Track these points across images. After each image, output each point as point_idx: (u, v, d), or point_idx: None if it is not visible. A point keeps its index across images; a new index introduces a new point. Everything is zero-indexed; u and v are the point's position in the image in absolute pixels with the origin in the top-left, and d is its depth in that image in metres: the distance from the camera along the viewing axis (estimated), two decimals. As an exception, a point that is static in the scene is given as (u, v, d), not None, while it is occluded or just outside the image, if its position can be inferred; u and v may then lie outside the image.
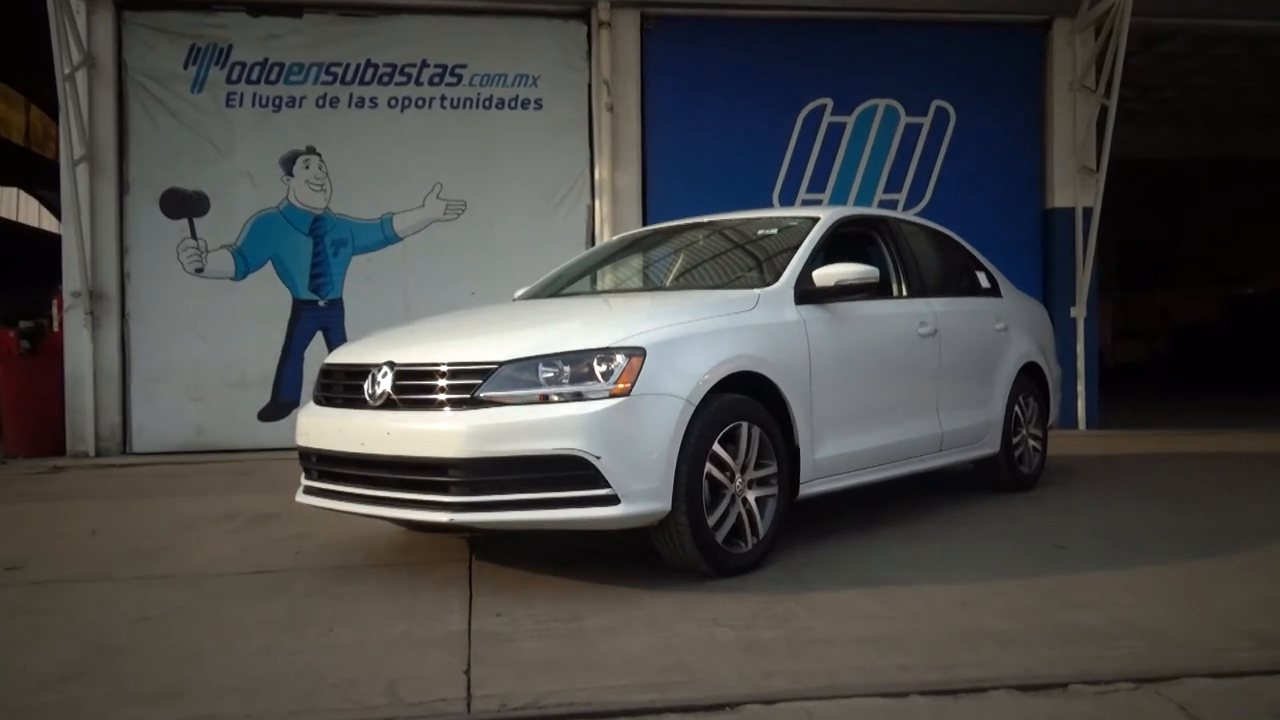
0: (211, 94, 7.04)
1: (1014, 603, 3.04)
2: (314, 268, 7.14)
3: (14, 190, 17.23)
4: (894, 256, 4.46)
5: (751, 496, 3.39)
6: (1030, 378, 5.11)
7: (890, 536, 3.98)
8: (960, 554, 3.69)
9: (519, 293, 4.70)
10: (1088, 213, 7.65)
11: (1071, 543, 3.86)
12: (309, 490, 3.57)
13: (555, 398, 3.04)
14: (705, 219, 4.72)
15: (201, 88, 7.01)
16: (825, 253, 4.13)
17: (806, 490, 3.65)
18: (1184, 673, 2.45)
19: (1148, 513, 4.45)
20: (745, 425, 3.35)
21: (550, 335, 3.30)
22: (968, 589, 3.19)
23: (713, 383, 3.24)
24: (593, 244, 7.17)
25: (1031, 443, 5.10)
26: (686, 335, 3.29)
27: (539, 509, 3.02)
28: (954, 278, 5.10)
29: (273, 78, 7.05)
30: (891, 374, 4.16)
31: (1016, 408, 4.95)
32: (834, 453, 3.75)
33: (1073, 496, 4.91)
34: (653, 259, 4.93)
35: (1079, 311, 7.73)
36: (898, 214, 5.23)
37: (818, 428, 3.67)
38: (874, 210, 5.53)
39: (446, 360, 3.19)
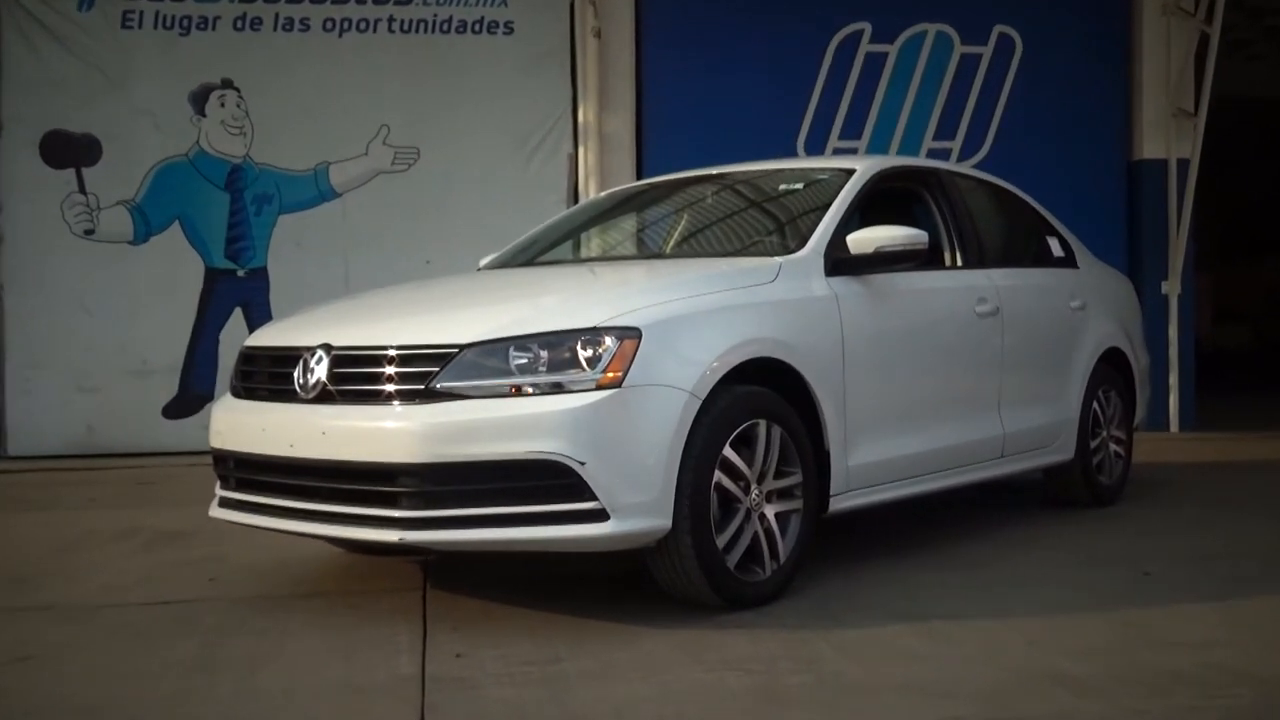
0: (103, 12, 7.00)
1: (1091, 641, 3.05)
2: (231, 229, 7.12)
3: None
4: (946, 218, 4.46)
5: (770, 512, 3.39)
6: (1112, 367, 5.13)
7: (940, 561, 3.99)
8: (1026, 582, 3.70)
9: (485, 261, 4.69)
10: (1183, 166, 7.67)
11: (1160, 569, 3.87)
12: (225, 503, 3.57)
13: (530, 389, 3.04)
14: (714, 170, 4.71)
15: (91, 5, 6.97)
16: (862, 213, 4.12)
17: (838, 504, 3.65)
18: (1297, 727, 2.47)
19: (1252, 533, 4.47)
20: (763, 424, 3.35)
21: (523, 312, 3.29)
22: (1035, 624, 3.20)
23: (723, 371, 3.24)
24: (575, 201, 7.16)
25: (1113, 447, 5.12)
26: (691, 313, 3.28)
27: (509, 526, 3.02)
28: (1020, 244, 5.09)
29: (180, -7, 7.02)
30: (943, 362, 4.16)
31: (1095, 404, 4.96)
32: (872, 458, 3.75)
33: (1162, 513, 4.92)
34: (649, 220, 4.91)
35: (1172, 287, 7.75)
36: (951, 166, 5.22)
37: (852, 428, 3.67)
38: (922, 161, 5.52)
39: (396, 342, 3.19)
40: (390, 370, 3.14)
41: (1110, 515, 4.85)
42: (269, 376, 3.51)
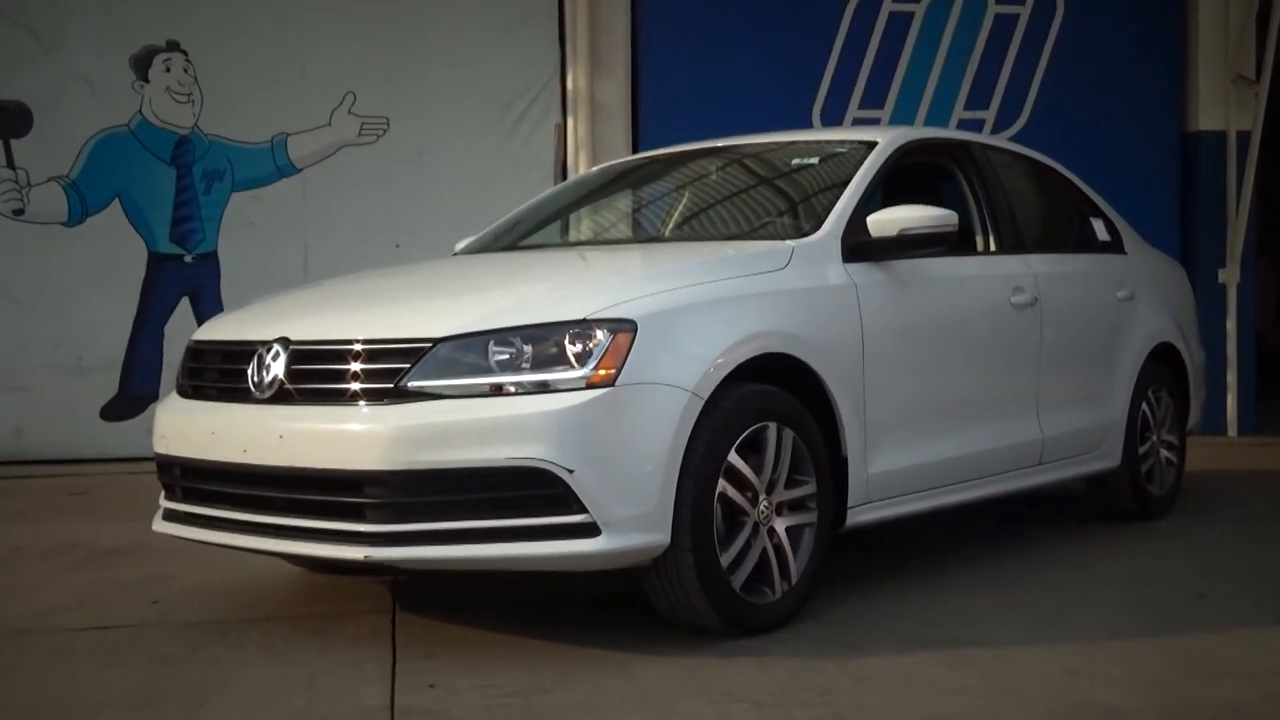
0: (34, -34, 6.99)
1: (1138, 670, 3.06)
2: (178, 209, 7.11)
3: None
4: (979, 197, 4.46)
5: (781, 526, 3.39)
6: (1163, 365, 5.14)
7: (970, 581, 3.99)
8: (1065, 604, 3.70)
9: (461, 244, 4.70)
10: (1244, 139, 7.68)
11: (1216, 590, 3.88)
12: (171, 515, 3.57)
13: (512, 388, 3.04)
14: (719, 143, 4.72)
15: (20, -43, 6.96)
16: (884, 191, 4.13)
17: (857, 517, 3.66)
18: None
19: (1321, 550, 4.49)
20: (773, 428, 3.35)
21: (505, 302, 3.28)
22: (1075, 651, 3.21)
23: (729, 369, 3.24)
24: (563, 178, 7.15)
25: (1164, 454, 5.13)
26: (693, 304, 3.28)
27: (488, 542, 3.02)
28: (1061, 227, 5.09)
29: (120, -57, 7.00)
30: (974, 358, 4.18)
31: (1144, 406, 4.98)
32: (894, 466, 3.76)
33: (1218, 527, 4.94)
34: (646, 199, 4.91)
35: (1230, 275, 7.76)
36: (984, 138, 5.22)
37: (873, 432, 3.67)
38: (952, 133, 5.52)
39: (362, 336, 3.18)
40: (355, 367, 3.14)
41: (1160, 530, 4.86)
42: (220, 374, 3.50)
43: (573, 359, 3.05)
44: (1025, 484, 4.41)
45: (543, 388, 3.03)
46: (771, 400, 3.37)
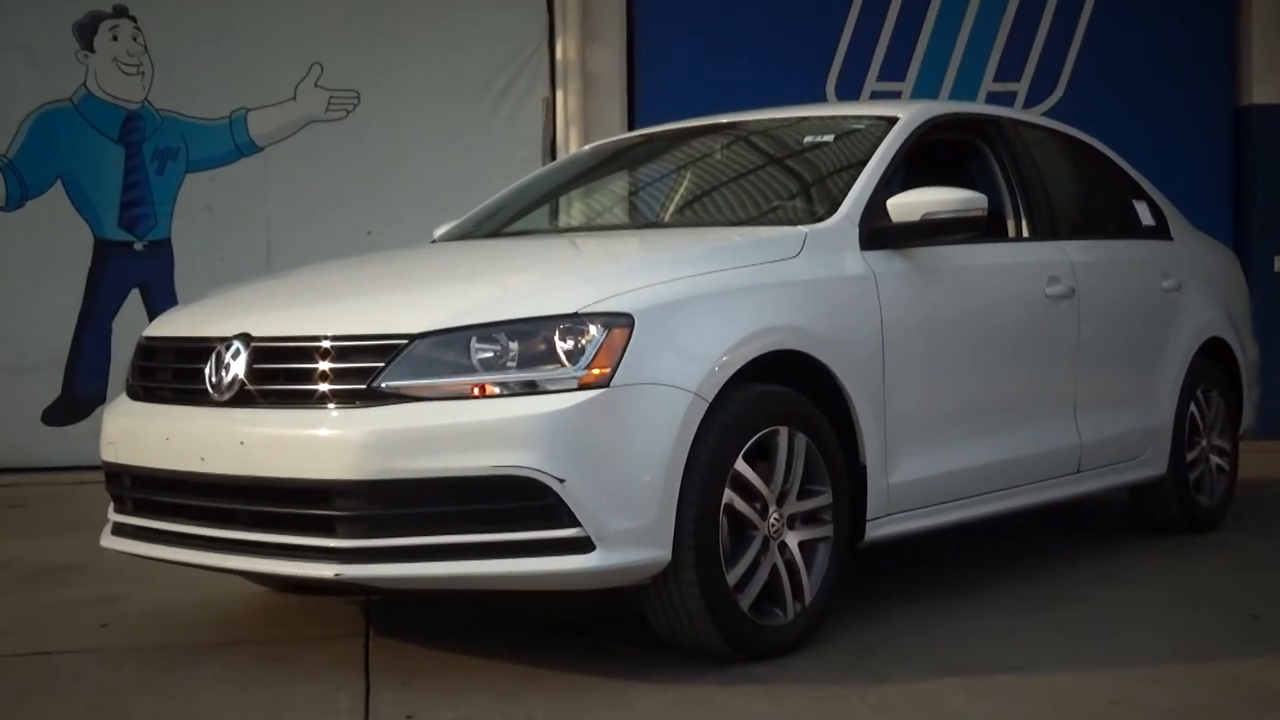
0: (-33, -76, 6.98)
1: (1187, 698, 3.06)
2: (127, 192, 7.11)
3: None
4: (1010, 177, 4.47)
5: (793, 540, 3.40)
6: (1214, 362, 5.15)
7: (1001, 601, 4.00)
8: (1107, 626, 3.71)
9: (441, 230, 4.70)
10: (1302, 113, 7.68)
11: (1272, 610, 3.88)
12: (120, 529, 3.56)
13: (496, 389, 3.04)
14: (724, 119, 4.72)
15: (-49, -86, 6.95)
16: (906, 171, 4.13)
17: (877, 531, 3.66)
18: None
19: (1387, 565, 4.49)
20: (784, 432, 3.36)
21: (489, 294, 3.29)
22: (1118, 678, 3.21)
23: (735, 368, 3.24)
24: (552, 158, 7.16)
25: (1214, 460, 5.14)
26: (696, 296, 3.28)
27: (470, 558, 3.01)
28: (1101, 210, 5.09)
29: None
30: (1006, 356, 4.18)
31: (1193, 407, 4.98)
32: (918, 474, 3.76)
33: (1274, 541, 4.95)
34: (644, 181, 4.91)
35: (1288, 263, 7.77)
36: (1016, 113, 5.21)
37: (894, 437, 3.67)
38: (980, 107, 5.52)
39: (331, 332, 3.18)
40: (324, 366, 3.14)
41: (1211, 544, 4.87)
42: (174, 374, 3.50)
43: (563, 357, 3.05)
44: (1062, 494, 4.41)
45: (530, 388, 3.03)
46: (782, 402, 3.37)
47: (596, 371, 3.04)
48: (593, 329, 3.07)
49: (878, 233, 3.78)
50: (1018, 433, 4.17)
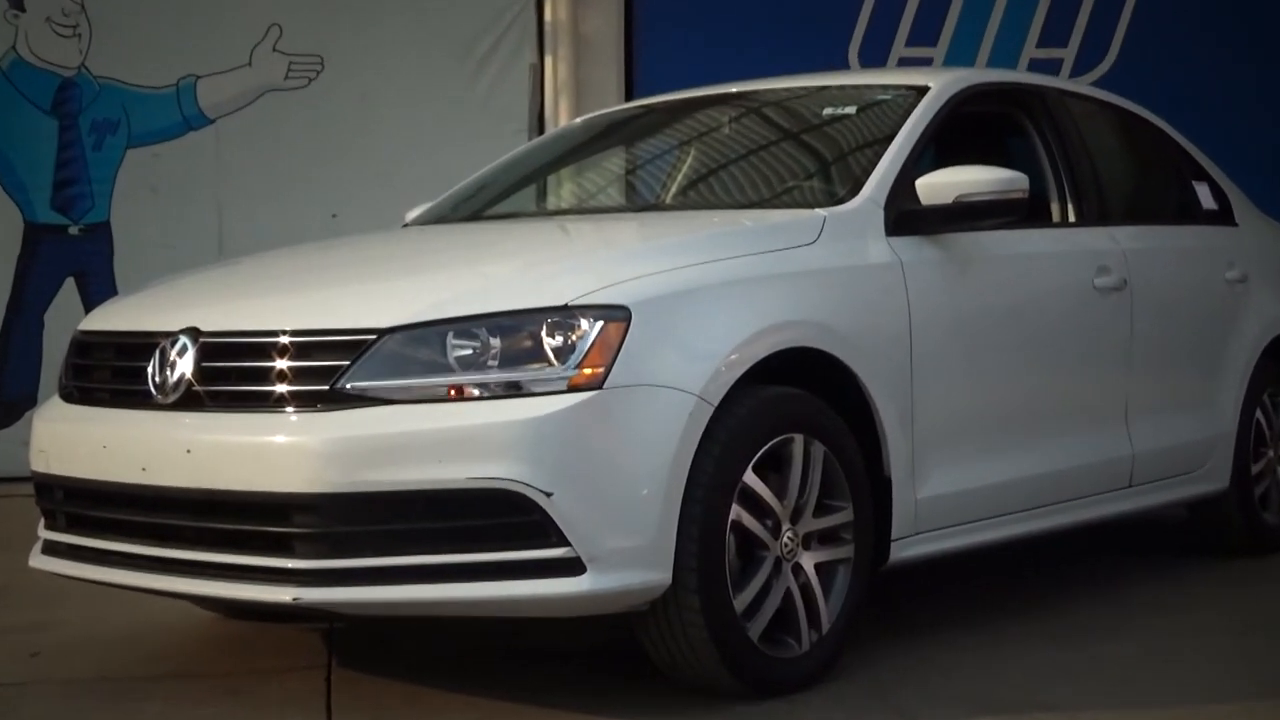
0: None
1: (1251, 742, 3.07)
2: (62, 170, 7.10)
3: None
4: (1054, 155, 4.47)
5: (809, 562, 3.39)
6: (1283, 364, 5.16)
7: (1044, 630, 3.99)
8: (1162, 658, 3.70)
9: (414, 214, 4.71)
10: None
11: (1348, 642, 3.90)
12: (52, 548, 3.56)
13: (476, 391, 3.04)
14: (733, 88, 4.72)
15: None
16: (938, 148, 4.13)
17: (903, 552, 3.66)
18: None
19: None
20: (799, 441, 3.35)
21: (468, 284, 3.29)
22: (1172, 717, 3.20)
23: (745, 367, 3.24)
24: (540, 132, 7.15)
25: (1284, 473, 5.14)
26: (701, 287, 3.28)
27: (446, 581, 3.01)
28: (1156, 193, 5.10)
29: None
30: (1049, 355, 4.18)
31: (1259, 414, 4.98)
32: (949, 488, 3.76)
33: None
34: (643, 158, 4.92)
35: (1366, 252, 7.75)
36: (1061, 83, 5.21)
37: (923, 446, 3.67)
38: (1021, 76, 5.51)
39: (290, 326, 3.18)
40: (281, 365, 3.13)
41: (1277, 566, 4.86)
42: (113, 373, 3.50)
43: (551, 355, 3.05)
44: (1111, 510, 4.41)
45: (514, 390, 3.03)
46: (797, 406, 3.37)
47: (588, 371, 3.04)
48: (584, 323, 3.07)
49: (905, 217, 3.78)
50: (1062, 442, 4.17)
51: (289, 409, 3.10)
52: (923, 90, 4.17)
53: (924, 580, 4.37)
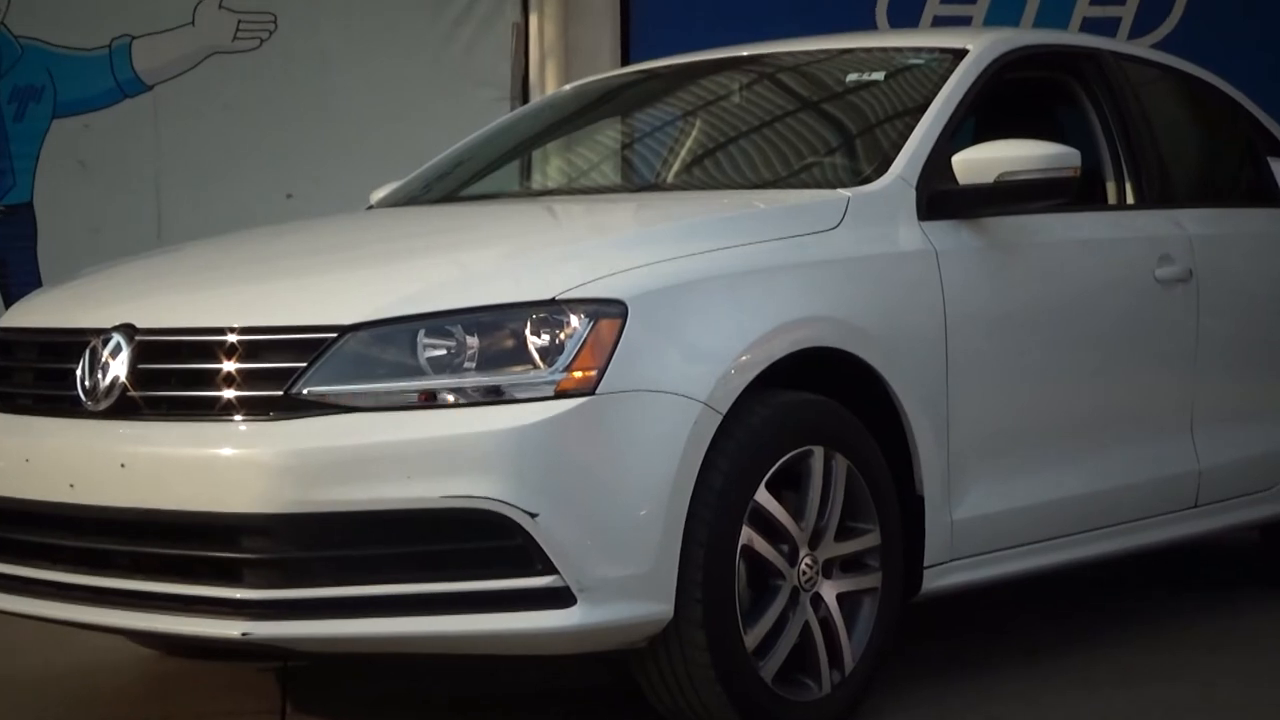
0: None
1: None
2: (-21, 142, 7.10)
3: None
4: (1110, 128, 4.46)
5: (831, 592, 3.39)
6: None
7: (1090, 670, 3.99)
8: (1223, 703, 3.70)
9: (380, 194, 4.71)
10: None
11: None
12: (-31, 576, 3.57)
13: (451, 397, 3.04)
14: (745, 51, 4.72)
15: None
16: (978, 120, 4.15)
17: (937, 581, 3.66)
18: None
19: None
20: (819, 454, 3.35)
21: (441, 275, 3.30)
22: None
23: (757, 370, 3.24)
24: (524, 100, 7.15)
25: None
26: (707, 278, 3.29)
27: (416, 614, 3.01)
28: (1226, 171, 5.11)
29: None
30: (1103, 356, 4.18)
31: (1343, 425, 4.98)
32: (989, 509, 3.77)
33: None
34: (641, 131, 4.92)
35: None
36: (1118, 45, 5.19)
37: (959, 460, 3.68)
38: (1073, 37, 5.51)
39: (239, 323, 3.18)
40: (229, 367, 3.12)
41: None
42: (36, 376, 3.51)
43: (537, 356, 3.04)
44: (1174, 534, 4.40)
45: (495, 396, 3.03)
46: (817, 415, 3.38)
47: (579, 375, 3.03)
48: (574, 320, 3.07)
49: (940, 198, 3.78)
50: (1118, 456, 4.17)
51: (237, 417, 3.09)
52: (960, 53, 4.17)
53: (957, 610, 4.35)
